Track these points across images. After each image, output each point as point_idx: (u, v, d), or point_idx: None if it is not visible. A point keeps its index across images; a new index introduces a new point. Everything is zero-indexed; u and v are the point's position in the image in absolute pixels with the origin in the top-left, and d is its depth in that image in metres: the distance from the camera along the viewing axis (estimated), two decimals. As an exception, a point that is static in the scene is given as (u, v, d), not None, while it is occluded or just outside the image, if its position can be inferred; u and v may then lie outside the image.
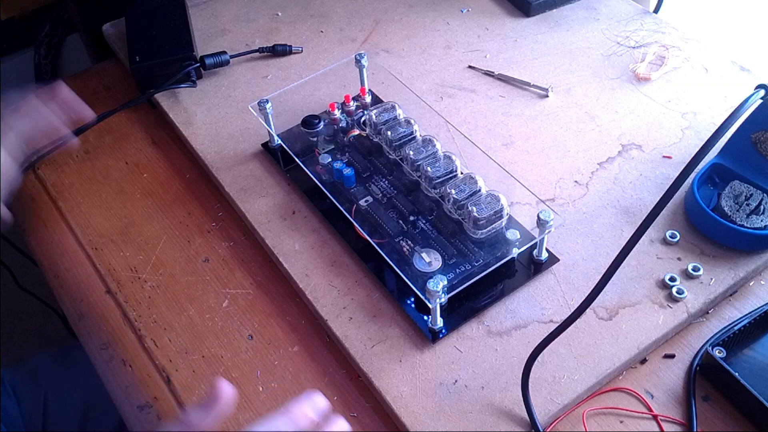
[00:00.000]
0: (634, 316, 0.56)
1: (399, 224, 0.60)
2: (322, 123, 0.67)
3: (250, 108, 0.68)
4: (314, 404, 0.46)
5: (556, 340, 0.48)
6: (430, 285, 0.51)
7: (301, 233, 0.63)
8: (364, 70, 0.69)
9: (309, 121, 0.67)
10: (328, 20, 0.85)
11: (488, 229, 0.57)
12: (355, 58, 0.68)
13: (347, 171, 0.63)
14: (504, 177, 0.66)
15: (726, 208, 0.59)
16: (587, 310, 0.47)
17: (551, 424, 0.51)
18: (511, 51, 0.80)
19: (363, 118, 0.67)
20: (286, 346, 0.58)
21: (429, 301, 0.52)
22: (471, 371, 0.53)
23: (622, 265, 0.44)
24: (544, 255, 0.59)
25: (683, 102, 0.72)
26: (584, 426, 0.51)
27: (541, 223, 0.55)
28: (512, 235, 0.57)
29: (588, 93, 0.74)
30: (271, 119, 0.67)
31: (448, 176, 0.60)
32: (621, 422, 0.52)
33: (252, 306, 0.61)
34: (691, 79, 0.75)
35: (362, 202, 0.62)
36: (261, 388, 0.56)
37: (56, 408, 0.41)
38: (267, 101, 0.66)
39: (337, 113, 0.68)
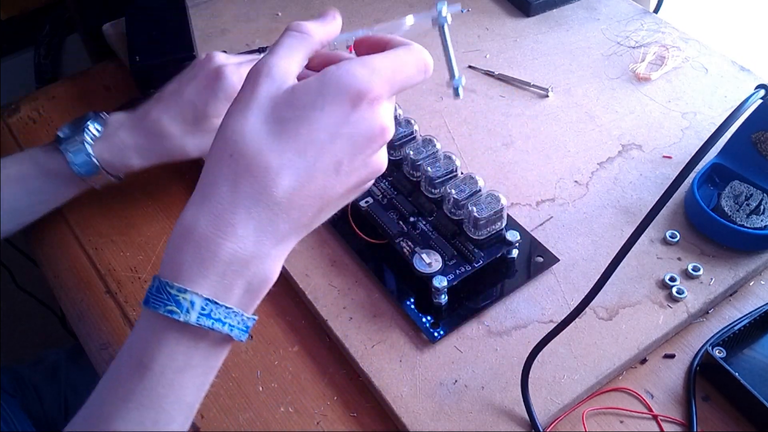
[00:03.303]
0: (634, 316, 0.56)
1: (399, 225, 0.60)
2: None
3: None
4: None
5: (555, 340, 0.48)
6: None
7: (301, 233, 0.63)
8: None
9: None
10: (328, 20, 0.85)
11: (488, 229, 0.57)
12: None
13: (347, 171, 0.63)
14: (504, 177, 0.67)
15: (726, 208, 0.59)
16: (587, 310, 0.47)
17: (551, 424, 0.51)
18: (511, 51, 0.80)
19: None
20: (286, 346, 0.58)
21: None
22: (471, 371, 0.53)
23: (622, 265, 0.44)
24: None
25: (683, 102, 0.72)
26: (584, 426, 0.51)
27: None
28: (512, 236, 0.57)
29: (588, 93, 0.74)
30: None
31: (448, 176, 0.60)
32: (621, 422, 0.52)
33: (252, 306, 0.61)
34: (691, 79, 0.75)
35: (362, 203, 0.62)
36: (261, 388, 0.56)
37: (75, 408, 0.41)
38: None
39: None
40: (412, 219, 0.60)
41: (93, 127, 0.62)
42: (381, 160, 0.40)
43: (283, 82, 0.38)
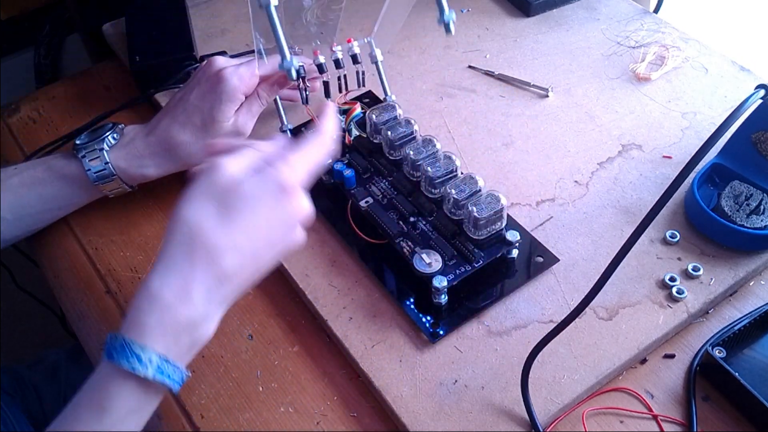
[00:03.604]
0: (634, 316, 0.56)
1: (399, 225, 0.60)
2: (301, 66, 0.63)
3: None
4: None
5: (555, 339, 0.48)
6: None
7: (301, 233, 0.63)
8: None
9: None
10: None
11: (488, 229, 0.57)
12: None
13: (348, 172, 0.63)
14: (504, 177, 0.67)
15: (726, 208, 0.59)
16: (587, 310, 0.47)
17: (551, 424, 0.51)
18: (511, 51, 0.80)
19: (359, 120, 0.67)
20: (286, 346, 0.58)
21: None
22: (471, 371, 0.53)
23: (622, 265, 0.44)
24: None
25: (683, 102, 0.72)
26: (584, 426, 0.51)
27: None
28: (512, 236, 0.57)
29: (588, 93, 0.74)
30: (282, 110, 0.67)
31: (448, 176, 0.60)
32: (621, 422, 0.52)
33: (252, 306, 0.61)
34: (691, 79, 0.75)
35: (362, 203, 0.62)
36: (261, 388, 0.56)
37: None
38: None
39: (321, 59, 0.65)
40: (412, 219, 0.60)
41: (111, 137, 0.64)
42: (300, 235, 0.49)
43: (232, 176, 0.46)
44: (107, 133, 0.64)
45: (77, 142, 0.64)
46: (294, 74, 0.47)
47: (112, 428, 0.44)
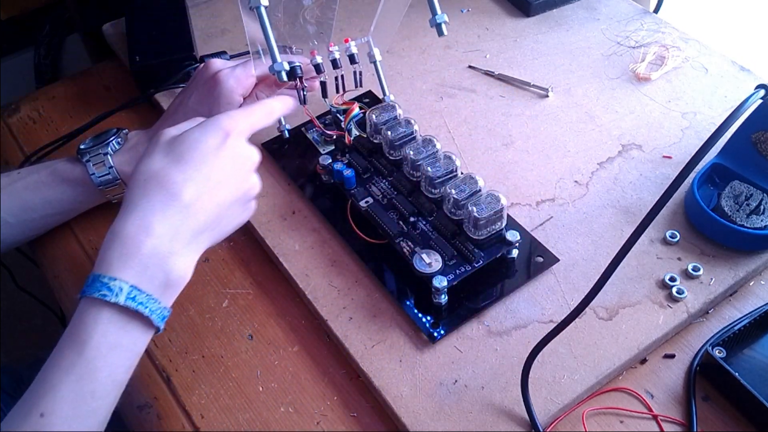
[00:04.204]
0: (634, 316, 0.56)
1: (399, 225, 0.60)
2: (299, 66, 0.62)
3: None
4: None
5: (556, 339, 0.48)
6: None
7: (301, 233, 0.63)
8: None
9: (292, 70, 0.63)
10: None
11: (488, 229, 0.57)
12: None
13: (348, 172, 0.63)
14: (504, 177, 0.67)
15: (726, 208, 0.59)
16: (587, 310, 0.47)
17: (551, 424, 0.51)
18: (511, 51, 0.80)
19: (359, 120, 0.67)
20: (286, 346, 0.58)
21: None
22: (471, 371, 0.53)
23: (622, 265, 0.44)
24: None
25: (683, 102, 0.72)
26: (584, 426, 0.51)
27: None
28: (512, 236, 0.57)
29: (588, 93, 0.74)
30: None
31: (448, 176, 0.60)
32: (621, 422, 0.52)
33: (252, 306, 0.61)
34: (691, 79, 0.75)
35: (362, 203, 0.62)
36: (261, 388, 0.56)
37: None
38: None
39: (318, 59, 0.64)
40: (412, 219, 0.60)
41: (115, 142, 0.64)
42: (254, 179, 0.53)
43: (177, 131, 0.51)
44: (111, 138, 0.64)
45: (81, 146, 0.64)
46: (284, 77, 0.48)
47: (95, 361, 0.45)
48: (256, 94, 0.65)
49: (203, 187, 0.49)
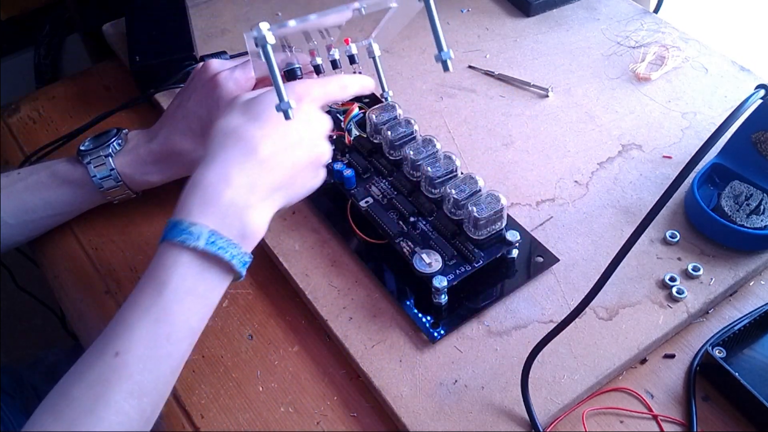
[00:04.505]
0: (634, 316, 0.56)
1: (399, 225, 0.60)
2: (299, 67, 0.63)
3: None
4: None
5: (556, 340, 0.48)
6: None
7: (301, 233, 0.63)
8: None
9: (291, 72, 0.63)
10: (328, 20, 0.85)
11: (488, 229, 0.57)
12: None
13: (348, 172, 0.63)
14: (504, 177, 0.67)
15: (726, 208, 0.59)
16: (587, 309, 0.47)
17: (551, 424, 0.51)
18: (511, 51, 0.80)
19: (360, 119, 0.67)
20: (286, 346, 0.58)
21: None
22: (471, 371, 0.53)
23: (622, 265, 0.44)
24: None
25: (683, 102, 0.72)
26: (584, 426, 0.51)
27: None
28: (512, 236, 0.57)
29: (588, 93, 0.74)
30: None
31: (448, 176, 0.60)
32: (621, 422, 0.52)
33: (252, 306, 0.61)
34: (691, 79, 0.75)
35: (362, 203, 0.62)
36: (261, 388, 0.56)
37: None
38: None
39: (318, 60, 0.63)
40: (412, 219, 0.60)
41: (116, 143, 0.64)
42: (326, 145, 0.54)
43: (252, 96, 0.53)
44: (112, 140, 0.64)
45: (81, 148, 0.64)
46: (291, 116, 0.48)
47: (173, 305, 0.46)
48: None
49: (279, 145, 0.50)
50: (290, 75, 0.60)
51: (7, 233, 0.63)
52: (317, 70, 0.62)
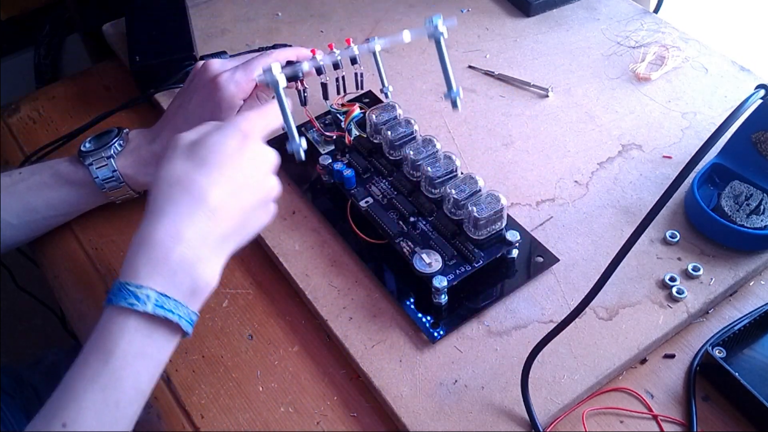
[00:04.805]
0: (634, 316, 0.56)
1: (399, 225, 0.60)
2: (299, 66, 0.61)
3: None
4: None
5: (556, 340, 0.48)
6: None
7: (301, 233, 0.63)
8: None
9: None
10: (328, 20, 0.85)
11: (488, 229, 0.57)
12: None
13: (348, 172, 0.63)
14: (504, 177, 0.67)
15: (726, 208, 0.59)
16: (587, 310, 0.47)
17: (551, 424, 0.51)
18: (511, 51, 0.80)
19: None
20: (286, 346, 0.58)
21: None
22: (471, 371, 0.53)
23: (622, 265, 0.44)
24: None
25: (683, 102, 0.72)
26: (584, 426, 0.51)
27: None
28: (512, 236, 0.57)
29: (588, 93, 0.74)
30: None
31: (448, 176, 0.60)
32: (621, 422, 0.52)
33: (252, 306, 0.61)
34: (691, 79, 0.75)
35: (362, 203, 0.62)
36: (261, 388, 0.56)
37: None
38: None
39: (319, 56, 0.63)
40: (412, 219, 0.60)
41: (118, 144, 0.64)
42: (273, 180, 0.52)
43: (196, 134, 0.51)
44: (114, 141, 0.64)
45: (83, 149, 0.64)
46: (303, 156, 0.48)
47: (121, 371, 0.44)
48: (257, 94, 0.65)
49: (228, 190, 0.48)
50: (291, 76, 0.60)
51: (9, 233, 0.63)
52: (318, 71, 0.62)
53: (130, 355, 0.45)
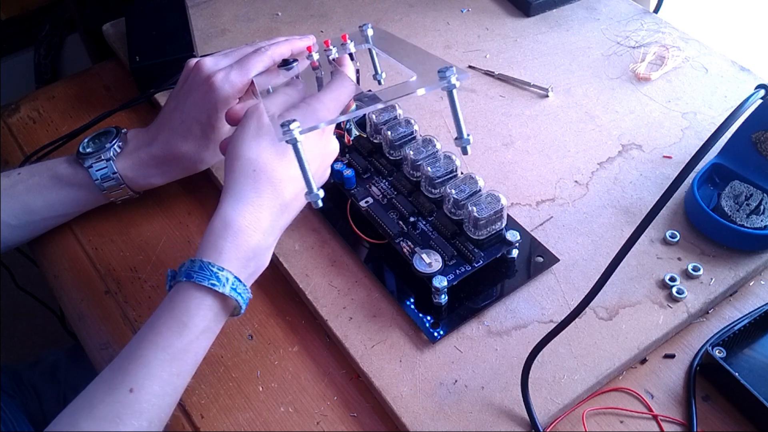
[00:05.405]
0: (634, 316, 0.56)
1: (399, 225, 0.60)
2: (296, 64, 0.62)
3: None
4: None
5: (556, 340, 0.48)
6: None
7: (301, 233, 0.63)
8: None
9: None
10: (328, 20, 0.85)
11: (488, 229, 0.57)
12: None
13: (348, 172, 0.63)
14: (504, 177, 0.67)
15: (726, 208, 0.59)
16: (587, 310, 0.47)
17: (551, 424, 0.51)
18: (511, 51, 0.80)
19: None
20: (286, 346, 0.58)
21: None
22: (471, 371, 0.53)
23: (622, 265, 0.44)
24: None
25: (683, 102, 0.72)
26: (584, 426, 0.51)
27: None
28: (512, 236, 0.57)
29: (588, 93, 0.74)
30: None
31: (448, 176, 0.60)
32: (621, 422, 0.52)
33: (252, 306, 0.61)
34: (691, 79, 0.75)
35: (362, 203, 0.62)
36: (261, 388, 0.56)
37: None
38: None
39: (315, 56, 0.62)
40: (412, 219, 0.60)
41: (117, 145, 0.64)
42: (329, 171, 0.57)
43: (275, 116, 0.52)
44: (113, 142, 0.63)
45: (81, 150, 0.64)
46: (320, 204, 0.50)
47: (189, 345, 0.47)
48: (252, 90, 0.65)
49: (298, 186, 0.51)
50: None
51: (9, 234, 0.63)
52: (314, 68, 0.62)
53: (200, 329, 0.48)
